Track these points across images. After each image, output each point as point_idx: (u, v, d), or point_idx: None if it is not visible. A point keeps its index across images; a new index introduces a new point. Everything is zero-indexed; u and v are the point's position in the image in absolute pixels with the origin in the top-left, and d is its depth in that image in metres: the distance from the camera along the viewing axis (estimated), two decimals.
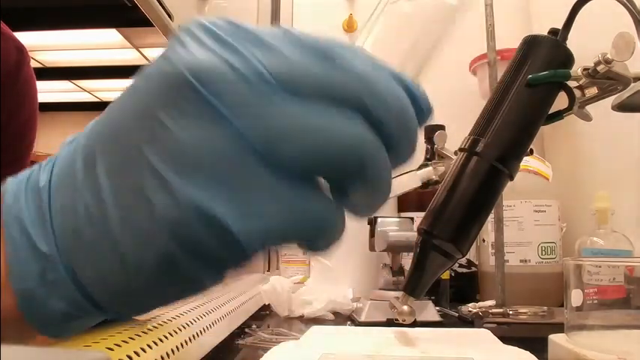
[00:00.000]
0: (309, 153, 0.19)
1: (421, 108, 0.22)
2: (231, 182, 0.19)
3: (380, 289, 0.88)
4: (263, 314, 0.85)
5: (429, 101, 0.22)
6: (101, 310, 0.23)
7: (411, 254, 0.42)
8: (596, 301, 0.48)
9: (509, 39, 0.82)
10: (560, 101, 0.44)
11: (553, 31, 0.44)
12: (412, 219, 0.93)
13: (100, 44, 4.18)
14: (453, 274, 1.08)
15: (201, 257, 0.20)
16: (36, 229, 0.22)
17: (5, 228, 0.22)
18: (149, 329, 0.48)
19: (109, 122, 0.22)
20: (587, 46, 0.48)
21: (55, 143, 0.25)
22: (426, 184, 0.40)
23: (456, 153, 0.44)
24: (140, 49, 4.26)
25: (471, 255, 1.11)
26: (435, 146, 0.46)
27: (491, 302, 0.87)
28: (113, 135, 0.21)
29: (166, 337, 0.49)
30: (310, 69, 0.19)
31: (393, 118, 0.20)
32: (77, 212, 0.21)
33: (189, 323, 0.43)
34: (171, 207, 0.19)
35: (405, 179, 0.38)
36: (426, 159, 1.18)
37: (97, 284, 0.22)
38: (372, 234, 0.90)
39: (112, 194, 0.20)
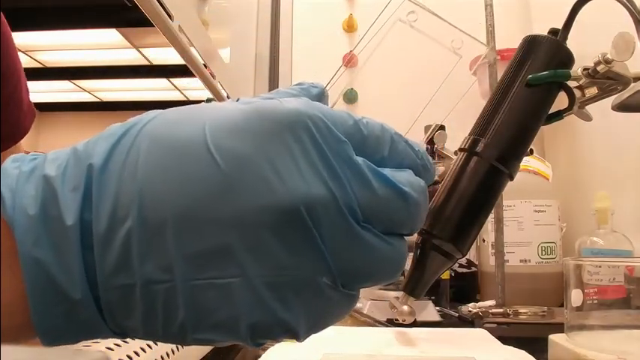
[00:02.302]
0: (376, 281, 0.23)
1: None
2: (308, 301, 0.22)
3: (380, 288, 0.88)
4: None
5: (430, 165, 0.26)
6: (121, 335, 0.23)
7: (411, 254, 0.42)
8: (596, 301, 0.48)
9: (510, 39, 0.82)
10: (560, 101, 0.44)
11: (553, 31, 0.44)
12: None
13: (100, 44, 4.18)
14: (453, 274, 1.08)
15: (261, 340, 0.22)
16: (65, 277, 0.20)
17: (22, 267, 0.20)
18: None
19: (193, 204, 0.21)
20: (587, 46, 0.48)
21: (56, 143, 0.24)
22: None
23: (455, 153, 0.44)
24: (140, 49, 4.26)
25: (471, 255, 1.12)
26: (435, 146, 0.46)
27: (491, 302, 0.87)
28: (198, 220, 0.20)
29: None
30: (391, 208, 0.23)
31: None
32: (132, 274, 0.20)
33: None
34: (255, 313, 0.21)
35: None
36: None
37: (135, 334, 0.22)
38: None
39: (184, 277, 0.20)
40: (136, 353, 0.42)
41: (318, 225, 0.21)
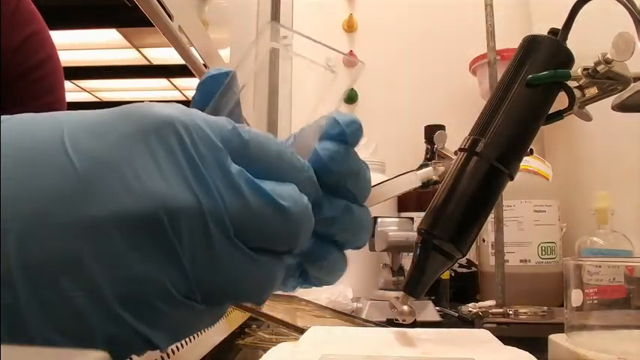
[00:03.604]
0: (240, 299, 0.23)
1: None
2: (166, 313, 0.20)
3: (380, 289, 0.88)
4: None
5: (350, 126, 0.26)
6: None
7: (411, 254, 0.42)
8: (596, 301, 0.48)
9: (510, 39, 0.82)
10: (560, 101, 0.44)
11: (553, 31, 0.44)
12: (412, 219, 0.93)
13: (100, 44, 4.18)
14: (453, 274, 1.08)
15: (124, 354, 0.21)
16: None
17: None
18: None
19: (41, 209, 0.19)
20: (587, 46, 0.48)
21: None
22: (426, 184, 0.40)
23: (456, 153, 0.44)
24: (140, 48, 4.27)
25: (471, 255, 1.12)
26: (435, 146, 0.46)
27: (491, 302, 0.87)
28: (45, 226, 0.18)
29: None
30: (266, 224, 0.21)
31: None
32: None
33: None
34: (110, 327, 0.19)
35: (405, 179, 0.38)
36: (426, 159, 1.19)
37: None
38: (372, 234, 0.91)
39: (28, 292, 0.18)
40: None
41: (180, 235, 0.19)
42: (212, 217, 0.20)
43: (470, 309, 0.85)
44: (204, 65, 0.81)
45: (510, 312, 0.82)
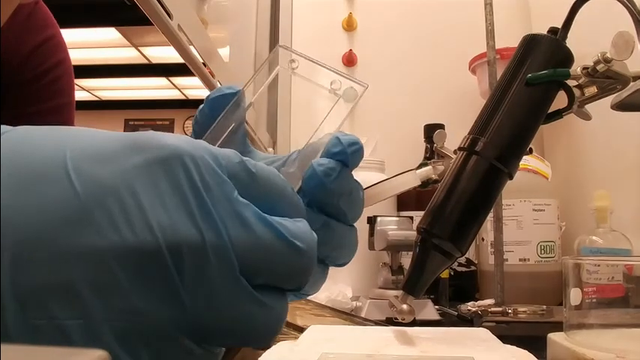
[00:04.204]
0: (241, 343, 0.21)
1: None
2: (160, 353, 0.19)
3: (379, 287, 0.88)
4: None
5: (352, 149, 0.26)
6: None
7: (411, 253, 0.42)
8: (595, 300, 0.48)
9: (509, 38, 0.82)
10: (560, 100, 0.44)
11: (553, 31, 0.44)
12: (411, 218, 0.93)
13: (100, 43, 4.18)
14: (452, 273, 1.08)
15: None
16: None
17: None
18: None
19: (37, 234, 0.18)
20: (586, 46, 0.48)
21: None
22: (426, 183, 0.40)
23: (455, 152, 0.44)
24: (139, 47, 4.26)
25: (471, 254, 1.12)
26: (435, 145, 0.46)
27: (490, 301, 0.87)
28: (41, 251, 0.18)
29: None
30: (278, 261, 0.21)
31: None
32: None
33: None
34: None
35: (404, 178, 0.38)
36: (426, 158, 1.19)
37: None
38: (371, 233, 0.91)
39: (17, 316, 0.18)
40: None
41: (182, 270, 0.19)
42: (216, 253, 0.19)
43: (469, 308, 0.85)
44: (204, 64, 0.81)
45: (509, 311, 0.82)
